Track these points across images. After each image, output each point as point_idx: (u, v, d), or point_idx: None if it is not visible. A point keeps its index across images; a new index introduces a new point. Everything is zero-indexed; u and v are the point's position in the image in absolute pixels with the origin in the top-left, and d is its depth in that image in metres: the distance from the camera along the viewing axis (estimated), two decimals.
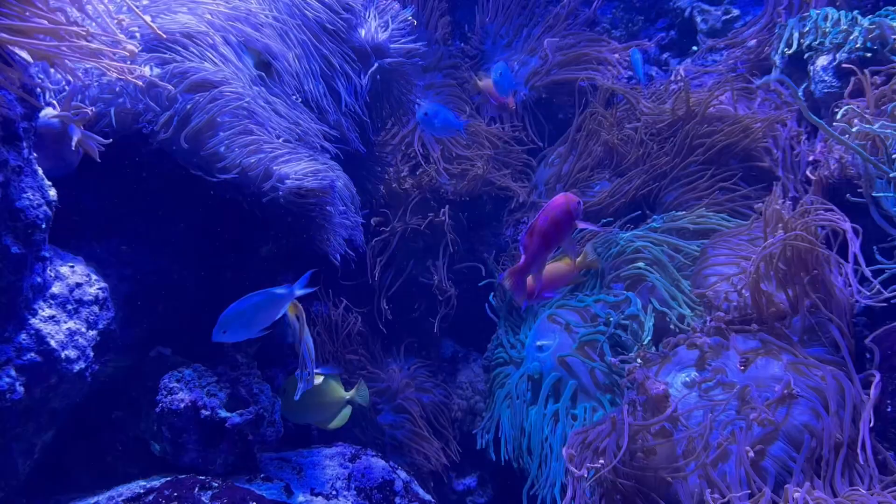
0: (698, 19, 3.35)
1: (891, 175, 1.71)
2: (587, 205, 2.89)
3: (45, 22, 1.41)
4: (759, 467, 1.83)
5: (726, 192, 2.60)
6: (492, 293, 3.08)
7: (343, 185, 2.30)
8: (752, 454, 1.81)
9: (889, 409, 1.80)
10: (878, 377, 1.83)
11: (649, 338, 2.49)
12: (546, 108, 3.32)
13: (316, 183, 1.81)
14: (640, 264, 2.62)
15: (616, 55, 3.28)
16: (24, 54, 1.50)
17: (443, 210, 2.96)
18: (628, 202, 2.83)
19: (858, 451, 1.71)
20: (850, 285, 1.95)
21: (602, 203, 2.91)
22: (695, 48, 3.31)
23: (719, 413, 1.93)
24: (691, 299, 2.39)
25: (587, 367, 2.55)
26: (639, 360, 2.18)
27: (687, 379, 2.07)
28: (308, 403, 1.99)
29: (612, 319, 2.58)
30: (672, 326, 2.42)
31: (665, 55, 3.49)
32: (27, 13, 1.48)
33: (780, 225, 1.99)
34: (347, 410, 2.14)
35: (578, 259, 2.17)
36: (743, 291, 2.06)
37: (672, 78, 3.06)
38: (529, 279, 1.85)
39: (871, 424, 1.77)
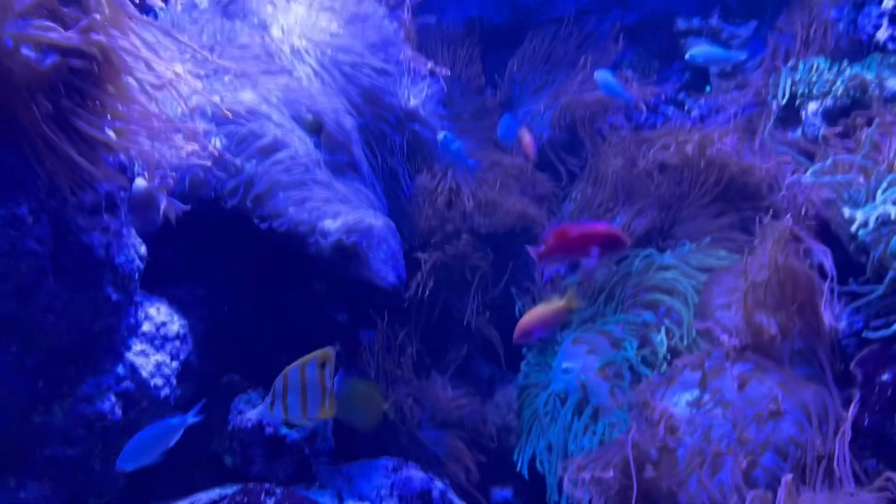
0: None
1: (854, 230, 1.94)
2: None
3: (141, 119, 1.78)
4: (751, 476, 2.07)
5: (732, 229, 2.84)
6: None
7: (384, 225, 2.62)
8: (744, 464, 2.05)
9: (866, 423, 2.02)
10: (857, 395, 2.05)
11: (665, 359, 2.74)
12: (569, 148, 3.60)
13: (355, 236, 2.15)
14: (658, 295, 2.88)
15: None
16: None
17: (465, 238, 3.25)
18: (641, 236, 3.09)
19: (835, 462, 1.93)
20: (833, 310, 2.18)
21: None
22: (707, 88, 3.56)
23: (717, 429, 2.17)
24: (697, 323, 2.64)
25: (608, 388, 2.80)
26: (648, 382, 2.43)
27: (690, 398, 2.31)
28: (351, 406, 2.33)
29: (631, 343, 2.84)
30: (683, 349, 2.67)
31: (681, 95, 3.75)
32: (120, 106, 1.86)
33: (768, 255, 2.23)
34: (381, 417, 2.49)
35: (563, 302, 2.51)
36: (738, 320, 2.31)
37: (684, 119, 3.32)
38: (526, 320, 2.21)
39: (850, 437, 1.99)
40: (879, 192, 1.91)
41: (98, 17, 1.59)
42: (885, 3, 2.71)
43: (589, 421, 2.74)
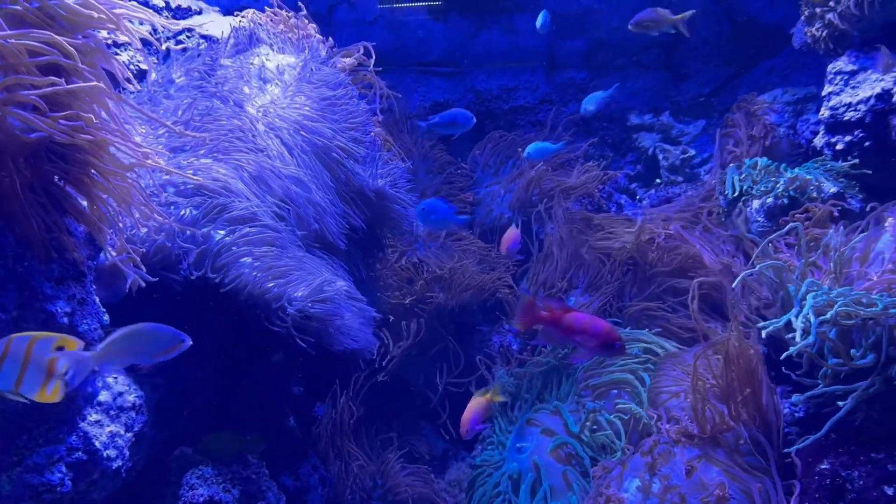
0: (660, 157, 3.83)
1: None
2: None
3: (112, 190, 1.82)
4: None
5: (680, 317, 2.97)
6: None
7: (347, 296, 2.66)
8: None
9: None
10: (798, 486, 2.13)
11: (616, 442, 2.80)
12: (528, 229, 3.74)
13: (319, 307, 2.19)
14: (609, 377, 2.97)
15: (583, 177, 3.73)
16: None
17: (424, 313, 3.32)
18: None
19: None
20: (777, 400, 2.29)
21: None
22: (658, 180, 3.76)
23: None
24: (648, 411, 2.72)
25: (560, 470, 2.84)
26: (600, 467, 2.48)
27: (640, 483, 2.37)
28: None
29: (583, 425, 2.90)
30: (634, 432, 2.73)
31: (633, 185, 3.95)
32: (93, 177, 1.90)
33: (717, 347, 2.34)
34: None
35: (489, 394, 2.74)
36: (687, 408, 2.39)
37: (636, 208, 3.49)
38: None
39: None
40: (800, 297, 2.05)
41: (90, 115, 1.65)
42: (821, 113, 2.94)
43: (541, 503, 2.76)
